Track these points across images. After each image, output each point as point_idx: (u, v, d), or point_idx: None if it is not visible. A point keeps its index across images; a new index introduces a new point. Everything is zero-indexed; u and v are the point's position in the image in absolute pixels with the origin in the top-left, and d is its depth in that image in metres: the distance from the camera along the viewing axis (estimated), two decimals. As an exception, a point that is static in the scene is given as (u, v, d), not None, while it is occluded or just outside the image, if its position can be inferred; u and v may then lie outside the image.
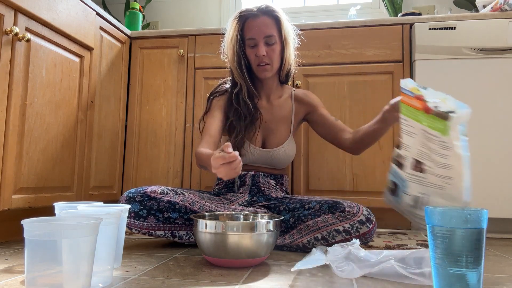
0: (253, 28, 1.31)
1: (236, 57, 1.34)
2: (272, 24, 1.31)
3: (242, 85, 1.35)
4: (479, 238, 0.67)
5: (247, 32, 1.32)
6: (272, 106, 1.42)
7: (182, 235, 1.19)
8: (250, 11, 1.32)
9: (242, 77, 1.35)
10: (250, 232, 0.94)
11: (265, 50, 1.30)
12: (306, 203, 1.21)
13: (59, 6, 1.40)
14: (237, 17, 1.34)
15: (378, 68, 1.70)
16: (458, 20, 1.63)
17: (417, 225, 0.97)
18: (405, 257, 0.86)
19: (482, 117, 1.57)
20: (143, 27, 2.43)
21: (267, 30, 1.30)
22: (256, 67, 1.35)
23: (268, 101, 1.43)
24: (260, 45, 1.30)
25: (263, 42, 1.31)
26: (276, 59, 1.34)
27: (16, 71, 1.22)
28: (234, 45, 1.33)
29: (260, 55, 1.30)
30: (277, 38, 1.32)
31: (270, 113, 1.41)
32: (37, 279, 0.64)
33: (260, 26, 1.30)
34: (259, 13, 1.31)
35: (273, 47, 1.32)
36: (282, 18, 1.33)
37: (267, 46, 1.31)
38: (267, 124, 1.40)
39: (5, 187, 1.19)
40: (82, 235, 0.65)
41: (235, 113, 1.33)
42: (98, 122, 1.67)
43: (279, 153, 1.37)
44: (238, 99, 1.34)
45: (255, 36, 1.30)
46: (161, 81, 1.89)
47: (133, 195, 1.16)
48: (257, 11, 1.32)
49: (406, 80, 0.95)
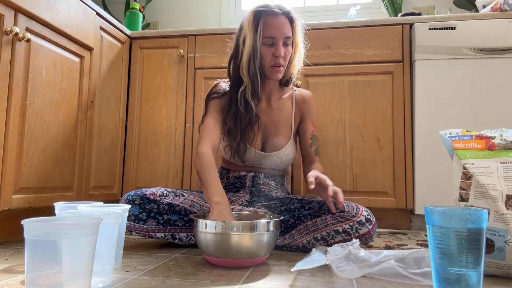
0: (274, 26, 1.25)
1: (253, 53, 1.25)
2: (289, 26, 1.27)
3: (248, 84, 1.27)
4: (479, 238, 0.67)
5: (267, 30, 1.25)
6: (271, 108, 1.38)
7: (182, 237, 1.19)
8: (269, 7, 1.26)
9: (255, 75, 1.26)
10: (250, 232, 0.94)
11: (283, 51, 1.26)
12: (307, 203, 1.21)
13: (59, 6, 1.40)
14: (256, 12, 1.26)
15: (378, 68, 1.70)
16: (458, 20, 1.63)
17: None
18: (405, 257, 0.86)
19: (482, 117, 1.57)
20: (143, 27, 2.43)
21: (287, 31, 1.26)
22: (269, 68, 1.28)
23: (268, 103, 1.39)
24: (279, 45, 1.25)
25: (282, 42, 1.26)
26: (287, 63, 1.31)
27: (16, 71, 1.22)
28: (254, 40, 1.24)
29: (280, 56, 1.26)
30: (292, 41, 1.30)
31: (270, 116, 1.37)
32: (37, 279, 0.64)
33: (281, 26, 1.25)
34: (280, 12, 1.26)
35: (288, 49, 1.29)
36: (297, 23, 1.29)
37: (284, 47, 1.27)
38: (267, 127, 1.37)
39: (5, 187, 1.19)
40: (82, 235, 0.65)
41: (233, 116, 1.28)
42: (98, 122, 1.67)
43: (279, 157, 1.34)
44: (241, 98, 1.28)
45: (276, 35, 1.25)
46: (161, 81, 1.89)
47: (133, 198, 1.16)
48: (277, 9, 1.26)
49: (443, 131, 0.95)
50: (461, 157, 0.92)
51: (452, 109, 1.60)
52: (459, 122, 1.58)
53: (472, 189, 0.90)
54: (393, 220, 1.68)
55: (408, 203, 1.62)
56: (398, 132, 1.66)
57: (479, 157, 0.90)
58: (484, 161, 0.89)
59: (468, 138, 0.92)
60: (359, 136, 1.69)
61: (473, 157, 0.91)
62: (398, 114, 1.67)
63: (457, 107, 1.60)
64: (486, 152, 0.89)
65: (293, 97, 1.42)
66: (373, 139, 1.68)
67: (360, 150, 1.68)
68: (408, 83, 1.67)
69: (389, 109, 1.68)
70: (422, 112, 1.63)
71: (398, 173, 1.64)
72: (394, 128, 1.67)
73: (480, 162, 0.89)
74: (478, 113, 1.58)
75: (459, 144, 0.93)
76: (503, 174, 0.87)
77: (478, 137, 0.92)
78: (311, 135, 1.39)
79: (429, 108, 1.62)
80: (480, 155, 0.90)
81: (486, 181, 0.88)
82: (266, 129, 1.37)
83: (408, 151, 1.64)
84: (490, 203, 0.86)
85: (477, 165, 0.90)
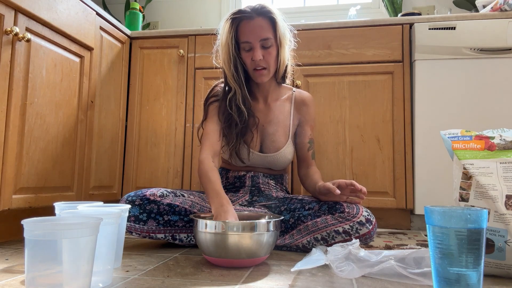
0: (248, 31, 1.23)
1: (232, 61, 1.26)
2: (268, 25, 1.23)
3: (236, 90, 1.28)
4: (479, 238, 0.67)
5: (242, 35, 1.24)
6: (269, 109, 1.37)
7: (183, 237, 1.19)
8: (244, 12, 1.24)
9: (238, 81, 1.28)
10: (250, 232, 0.94)
11: (261, 53, 1.24)
12: (307, 204, 1.21)
13: (59, 6, 1.40)
14: (231, 19, 1.25)
15: (378, 68, 1.70)
16: (458, 20, 1.63)
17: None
18: (405, 257, 0.86)
19: (482, 117, 1.57)
20: (143, 27, 2.43)
21: (263, 33, 1.23)
22: (252, 72, 1.28)
23: (266, 103, 1.38)
24: (256, 49, 1.23)
25: (259, 45, 1.23)
26: (273, 63, 1.27)
27: (16, 71, 1.22)
28: (229, 48, 1.25)
29: (257, 60, 1.23)
30: (273, 41, 1.25)
31: (267, 116, 1.37)
32: (37, 279, 0.64)
33: (256, 29, 1.22)
34: (254, 14, 1.23)
35: (269, 50, 1.25)
36: (277, 19, 1.24)
37: (263, 49, 1.24)
38: (265, 127, 1.36)
39: (5, 187, 1.19)
40: (82, 235, 0.65)
41: (226, 120, 1.28)
42: (98, 122, 1.67)
43: (277, 158, 1.34)
44: (231, 104, 1.28)
45: (251, 39, 1.23)
46: (161, 81, 1.89)
47: (133, 199, 1.16)
48: (252, 12, 1.23)
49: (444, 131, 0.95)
50: (461, 158, 0.92)
51: (452, 109, 1.60)
52: (459, 122, 1.58)
53: (472, 189, 0.90)
54: (393, 220, 1.68)
55: (408, 203, 1.62)
56: (398, 132, 1.66)
57: (478, 157, 0.90)
58: (483, 161, 0.89)
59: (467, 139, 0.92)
60: (359, 136, 1.69)
61: (473, 158, 0.91)
62: (398, 114, 1.67)
63: (457, 107, 1.60)
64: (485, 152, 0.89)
65: (292, 98, 1.41)
66: (373, 139, 1.68)
67: (360, 150, 1.68)
68: (408, 83, 1.67)
69: (389, 109, 1.68)
70: (422, 112, 1.63)
71: (398, 173, 1.64)
72: (394, 128, 1.67)
73: (480, 162, 0.89)
74: (478, 113, 1.58)
75: (458, 144, 0.93)
76: (502, 174, 0.87)
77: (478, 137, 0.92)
78: (309, 139, 1.39)
79: (429, 108, 1.62)
80: (480, 156, 0.90)
81: (485, 181, 0.88)
82: (264, 129, 1.36)
83: (408, 151, 1.64)
84: (490, 203, 0.86)
85: (476, 165, 0.90)
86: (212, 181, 1.13)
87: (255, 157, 1.33)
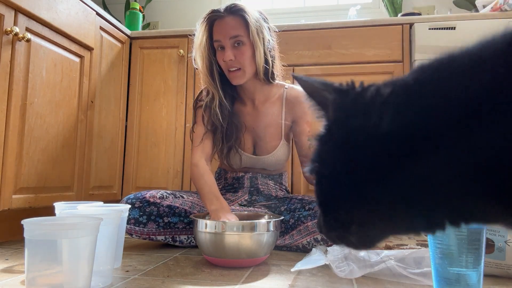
0: (219, 29, 1.19)
1: (206, 64, 1.22)
2: (240, 24, 1.18)
3: (214, 94, 1.24)
4: (479, 238, 0.67)
5: (214, 35, 1.21)
6: (258, 111, 1.32)
7: (183, 239, 1.19)
8: (216, 11, 1.20)
9: (214, 85, 1.23)
10: (250, 232, 0.94)
11: (233, 53, 1.18)
12: (307, 204, 1.20)
13: (59, 6, 1.40)
14: (205, 19, 1.22)
15: (378, 68, 1.70)
16: (458, 20, 1.63)
17: None
18: (405, 257, 0.86)
19: (482, 117, 1.57)
20: (143, 27, 2.42)
21: (233, 31, 1.17)
22: (228, 74, 1.22)
23: (254, 106, 1.32)
24: (226, 48, 1.18)
25: (230, 44, 1.18)
26: (248, 62, 1.20)
27: (16, 71, 1.22)
28: (203, 50, 1.21)
29: (227, 60, 1.18)
30: (246, 39, 1.18)
31: (257, 119, 1.31)
32: (37, 279, 0.64)
33: (226, 27, 1.18)
34: (225, 13, 1.19)
35: (242, 50, 1.18)
36: (249, 17, 1.18)
37: (235, 49, 1.18)
38: (255, 130, 1.32)
39: (5, 187, 1.19)
40: (82, 235, 0.65)
41: (210, 125, 1.26)
42: (98, 122, 1.67)
43: (270, 160, 1.32)
44: (211, 110, 1.25)
45: (221, 38, 1.18)
46: (161, 81, 1.89)
47: (132, 201, 1.15)
48: (224, 11, 1.19)
49: None
50: None
51: (452, 109, 1.60)
52: (459, 122, 1.57)
53: None
54: (393, 220, 1.68)
55: (408, 203, 1.62)
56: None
57: None
58: None
59: None
60: (359, 136, 1.69)
61: None
62: (398, 114, 1.66)
63: (457, 107, 1.60)
64: None
65: (283, 97, 1.32)
66: (373, 139, 1.67)
67: (360, 150, 1.68)
68: (408, 83, 1.67)
69: (389, 109, 1.67)
70: (422, 112, 1.63)
71: (398, 173, 1.64)
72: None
73: None
74: (478, 113, 1.58)
75: None
76: None
77: None
78: (308, 136, 1.37)
79: (429, 108, 1.62)
80: None
81: None
82: (255, 132, 1.32)
83: (408, 151, 1.64)
84: None
85: None
86: (208, 184, 1.14)
87: (248, 159, 1.32)
